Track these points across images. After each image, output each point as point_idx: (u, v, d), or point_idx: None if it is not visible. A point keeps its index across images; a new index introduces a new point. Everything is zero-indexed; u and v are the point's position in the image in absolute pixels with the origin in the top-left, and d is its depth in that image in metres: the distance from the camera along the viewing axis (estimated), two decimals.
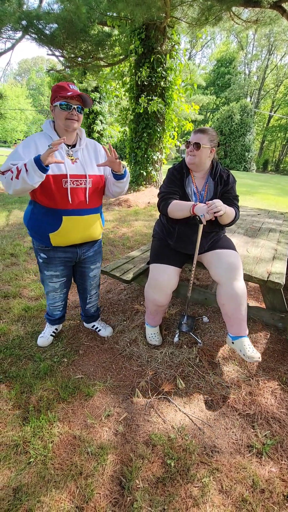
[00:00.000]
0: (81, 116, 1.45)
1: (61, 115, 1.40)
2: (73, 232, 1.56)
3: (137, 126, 7.05)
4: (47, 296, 1.89)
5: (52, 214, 1.50)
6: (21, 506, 1.13)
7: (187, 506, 1.17)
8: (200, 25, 5.67)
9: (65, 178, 1.44)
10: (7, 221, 4.98)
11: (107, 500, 1.18)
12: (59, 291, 1.83)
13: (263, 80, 35.49)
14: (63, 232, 1.53)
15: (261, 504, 1.19)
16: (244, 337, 1.73)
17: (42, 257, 1.66)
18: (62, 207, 1.48)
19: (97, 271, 1.91)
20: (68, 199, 1.47)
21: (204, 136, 1.71)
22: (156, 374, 1.81)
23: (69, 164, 1.46)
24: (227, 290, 1.70)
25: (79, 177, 1.49)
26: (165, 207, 1.80)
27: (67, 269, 1.75)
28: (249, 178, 16.69)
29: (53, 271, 1.70)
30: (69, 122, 1.41)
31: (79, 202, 1.51)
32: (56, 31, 5.20)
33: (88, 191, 1.53)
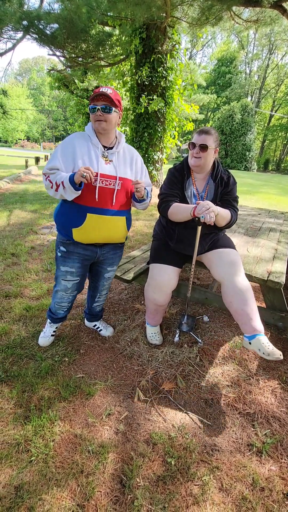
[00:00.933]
0: (109, 116, 1.45)
1: (92, 118, 1.48)
2: (95, 230, 1.56)
3: (138, 126, 7.06)
4: (55, 294, 1.85)
5: (78, 209, 1.53)
6: (22, 504, 1.14)
7: (187, 504, 1.18)
8: (201, 25, 5.67)
9: (95, 176, 1.47)
10: (8, 221, 4.99)
11: (108, 498, 1.19)
12: (70, 292, 1.80)
13: (263, 80, 35.43)
14: (86, 228, 1.55)
15: (261, 502, 1.19)
16: (260, 335, 1.57)
17: (61, 250, 1.66)
18: (88, 204, 1.51)
19: (112, 273, 1.91)
20: (95, 197, 1.50)
21: (210, 137, 1.68)
22: (156, 373, 1.82)
23: (102, 164, 1.50)
24: (231, 287, 1.68)
25: (109, 178, 1.51)
26: (165, 209, 1.79)
27: (84, 268, 1.73)
28: (250, 177, 16.68)
29: (69, 267, 1.68)
30: (97, 124, 1.46)
31: (105, 201, 1.53)
32: (57, 31, 5.21)
33: (116, 192, 1.55)
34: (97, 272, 1.87)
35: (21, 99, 38.80)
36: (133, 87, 7.01)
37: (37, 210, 5.77)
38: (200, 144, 1.68)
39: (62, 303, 1.87)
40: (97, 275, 1.89)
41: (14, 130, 38.72)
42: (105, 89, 1.43)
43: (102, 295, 2.02)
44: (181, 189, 1.82)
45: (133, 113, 7.12)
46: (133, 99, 7.03)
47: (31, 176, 10.87)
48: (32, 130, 45.21)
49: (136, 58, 6.58)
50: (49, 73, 12.07)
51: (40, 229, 4.62)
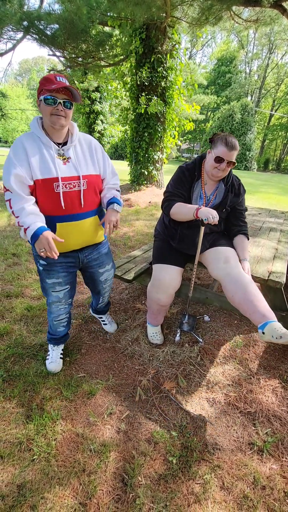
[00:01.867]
0: (69, 112, 1.31)
1: (46, 111, 1.27)
2: (69, 238, 1.44)
3: (138, 125, 7.06)
4: (49, 310, 1.71)
5: (46, 221, 1.35)
6: (25, 503, 1.15)
7: (189, 502, 1.18)
8: (201, 25, 5.67)
9: (57, 181, 1.31)
10: (9, 221, 5.00)
11: (110, 496, 1.19)
12: (64, 301, 1.66)
13: (263, 79, 35.41)
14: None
15: (262, 500, 1.20)
16: (272, 322, 1.39)
17: (42, 264, 1.52)
18: (54, 213, 1.36)
19: (107, 275, 1.81)
20: (61, 204, 1.34)
21: (236, 152, 1.63)
22: (157, 372, 1.83)
23: (60, 165, 1.33)
24: (228, 281, 1.64)
25: (72, 179, 1.36)
26: (167, 208, 1.77)
27: (70, 275, 1.61)
28: (250, 177, 16.68)
29: (55, 278, 1.55)
30: (55, 118, 1.27)
31: (72, 207, 1.39)
32: (57, 32, 5.22)
33: (83, 193, 1.40)
34: (91, 277, 1.76)
35: (21, 99, 38.80)
36: (133, 87, 7.01)
37: None
38: (230, 160, 1.61)
39: (60, 317, 1.72)
40: (93, 280, 1.79)
41: (14, 130, 38.71)
42: (63, 79, 1.26)
43: (105, 297, 1.99)
44: (188, 189, 1.77)
45: (133, 113, 7.12)
46: (133, 99, 7.04)
47: None
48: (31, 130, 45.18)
49: (136, 58, 6.58)
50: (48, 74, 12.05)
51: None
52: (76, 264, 1.61)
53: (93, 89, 12.56)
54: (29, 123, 1.73)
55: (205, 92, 32.94)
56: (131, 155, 7.60)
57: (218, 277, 1.74)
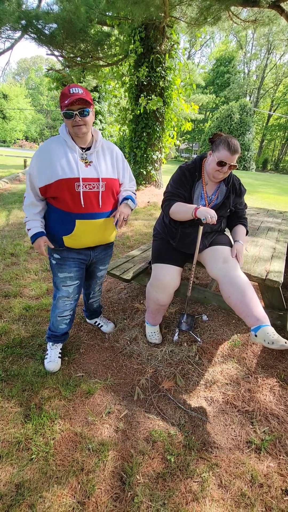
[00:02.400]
0: (87, 119, 1.40)
1: (68, 124, 1.41)
2: (86, 235, 1.55)
3: (137, 125, 7.06)
4: (55, 305, 1.76)
5: (66, 217, 1.49)
6: (23, 502, 1.15)
7: (187, 500, 1.19)
8: (199, 25, 5.68)
9: (78, 182, 1.43)
10: (7, 220, 4.99)
11: (108, 495, 1.20)
12: (72, 296, 1.73)
13: (262, 79, 35.49)
14: (77, 235, 1.53)
15: (260, 498, 1.21)
16: (265, 326, 1.46)
17: (56, 257, 1.62)
18: (75, 211, 1.47)
19: (104, 272, 1.95)
20: (81, 203, 1.46)
21: (238, 155, 1.63)
22: (156, 372, 1.83)
23: (82, 167, 1.45)
24: (226, 282, 1.66)
25: (92, 181, 1.47)
26: (167, 208, 1.77)
27: (81, 270, 1.71)
28: (249, 177, 16.71)
29: (67, 272, 1.64)
30: (76, 129, 1.41)
31: (91, 206, 1.50)
32: (55, 31, 5.21)
33: (101, 194, 1.52)
34: (91, 273, 1.88)
35: (19, 98, 38.70)
36: (131, 87, 7.01)
37: None
38: (232, 164, 1.61)
39: (65, 313, 1.77)
40: (91, 274, 1.90)
41: (13, 130, 38.62)
42: (76, 90, 1.36)
43: (96, 291, 2.04)
44: (188, 190, 1.77)
45: (132, 113, 7.12)
46: (132, 99, 7.04)
47: None
48: (30, 130, 45.11)
49: (135, 58, 6.58)
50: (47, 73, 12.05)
51: None
52: (86, 261, 1.72)
53: (91, 88, 12.56)
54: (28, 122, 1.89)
55: (204, 92, 32.97)
56: (129, 155, 7.60)
57: (216, 277, 1.75)
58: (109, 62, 7.05)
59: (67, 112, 1.37)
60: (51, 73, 11.51)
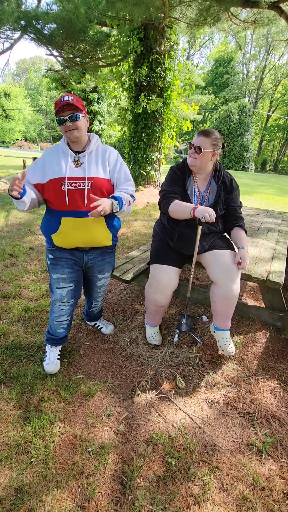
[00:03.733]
0: (78, 123, 1.47)
1: (62, 130, 1.50)
2: (72, 233, 1.56)
3: (136, 126, 7.06)
4: (52, 309, 1.76)
5: (54, 215, 1.57)
6: (23, 506, 1.14)
7: (188, 504, 1.18)
8: (199, 26, 5.68)
9: (64, 180, 1.50)
10: (6, 221, 4.97)
11: (109, 499, 1.19)
12: (66, 300, 1.70)
13: (261, 80, 35.56)
14: (63, 233, 1.56)
15: (261, 502, 1.20)
16: (226, 331, 1.85)
17: (50, 258, 1.68)
18: (60, 208, 1.53)
19: (104, 281, 1.88)
20: (66, 200, 1.51)
21: (207, 140, 1.69)
22: (156, 373, 1.82)
23: (72, 168, 1.52)
24: (223, 291, 1.72)
25: (78, 180, 1.51)
26: (165, 206, 1.77)
27: (75, 272, 1.68)
28: (248, 178, 16.73)
29: (59, 273, 1.65)
30: (69, 134, 1.48)
31: (76, 204, 1.52)
32: (55, 31, 5.20)
33: (87, 193, 1.52)
34: (89, 279, 1.84)
35: (18, 99, 38.68)
36: (131, 87, 7.01)
37: (35, 210, 5.75)
38: (195, 145, 1.71)
39: (61, 317, 1.75)
40: (90, 283, 1.86)
41: (12, 130, 38.59)
42: (67, 97, 1.43)
43: (98, 301, 2.00)
44: (182, 186, 1.83)
45: (131, 114, 7.12)
46: (131, 100, 7.03)
47: None
48: (29, 131, 45.08)
49: (135, 59, 6.58)
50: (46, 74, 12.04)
51: (38, 229, 4.60)
52: (80, 264, 1.71)
53: (90, 89, 12.55)
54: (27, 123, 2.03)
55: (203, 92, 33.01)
56: (129, 156, 7.59)
57: (215, 280, 1.78)
58: (108, 63, 7.04)
59: (59, 118, 1.46)
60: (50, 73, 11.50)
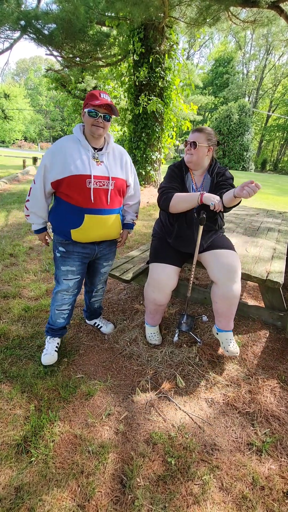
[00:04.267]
0: (107, 124, 1.52)
1: (88, 121, 1.49)
2: (93, 229, 1.61)
3: (136, 126, 7.06)
4: (54, 298, 1.81)
5: (75, 211, 1.56)
6: (23, 505, 1.14)
7: (188, 503, 1.18)
8: (198, 25, 5.68)
9: (89, 178, 1.50)
10: (6, 221, 4.97)
11: (109, 498, 1.19)
12: (71, 291, 1.78)
13: (261, 80, 35.56)
14: (84, 229, 1.58)
15: (261, 501, 1.20)
16: (229, 332, 1.83)
17: (60, 250, 1.68)
18: (84, 205, 1.54)
19: (108, 268, 1.96)
20: (91, 198, 1.53)
21: (201, 135, 1.74)
22: (156, 373, 1.82)
23: (94, 165, 1.53)
24: (224, 291, 1.72)
25: (102, 179, 1.55)
26: (166, 201, 1.77)
27: (83, 265, 1.75)
28: (248, 177, 16.72)
29: (69, 266, 1.70)
30: (95, 129, 1.49)
31: (101, 202, 1.57)
32: (54, 31, 5.20)
33: (110, 192, 1.59)
34: (94, 268, 1.90)
35: (18, 99, 38.67)
36: (131, 87, 7.01)
37: None
38: (191, 141, 1.75)
39: (63, 306, 1.82)
40: (94, 270, 1.91)
41: (12, 130, 38.58)
42: (105, 96, 1.47)
43: (99, 289, 2.04)
44: (180, 183, 1.86)
45: (131, 113, 7.12)
46: (131, 100, 7.03)
47: (29, 176, 10.84)
48: (29, 130, 45.07)
49: (134, 58, 6.58)
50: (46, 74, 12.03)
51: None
52: (90, 256, 1.75)
53: (90, 89, 12.54)
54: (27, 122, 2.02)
55: (203, 92, 33.01)
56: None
57: (216, 280, 1.77)
58: (108, 63, 7.05)
59: (93, 110, 1.45)
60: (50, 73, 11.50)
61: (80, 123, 1.64)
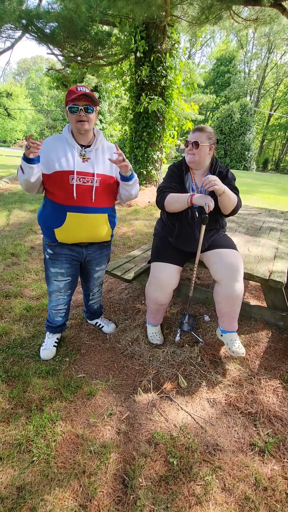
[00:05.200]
0: (91, 116, 1.47)
1: (71, 119, 1.46)
2: (77, 229, 1.56)
3: (137, 125, 7.04)
4: (49, 299, 1.83)
5: (58, 209, 1.53)
6: (24, 505, 1.14)
7: (190, 504, 1.17)
8: (200, 24, 5.66)
9: (72, 174, 1.48)
10: (8, 220, 4.97)
11: (111, 498, 1.18)
12: (63, 291, 1.78)
13: (263, 79, 35.42)
14: (67, 228, 1.55)
15: (264, 502, 1.19)
16: (233, 332, 1.81)
17: (49, 252, 1.67)
18: (67, 203, 1.51)
19: (101, 273, 1.93)
20: (73, 195, 1.49)
21: (202, 134, 1.74)
22: (158, 373, 1.82)
23: (79, 162, 1.50)
24: (226, 291, 1.71)
25: (86, 175, 1.51)
26: (161, 200, 1.81)
27: (73, 267, 1.73)
28: (249, 177, 16.68)
29: (58, 268, 1.68)
30: (80, 125, 1.45)
31: (84, 199, 1.52)
32: (56, 30, 5.19)
33: (95, 189, 1.54)
34: (87, 272, 1.88)
35: (19, 99, 38.68)
36: (132, 86, 6.99)
37: (36, 210, 5.75)
38: (193, 141, 1.74)
39: (58, 306, 1.83)
40: (87, 275, 1.90)
41: (13, 130, 38.59)
42: (83, 88, 1.43)
43: (95, 292, 2.03)
44: (180, 183, 1.86)
45: (132, 113, 7.10)
46: (133, 99, 7.01)
47: None
48: (30, 130, 45.05)
49: (136, 57, 6.56)
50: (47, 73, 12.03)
51: (39, 229, 4.60)
52: (79, 259, 1.73)
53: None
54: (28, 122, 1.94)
55: (204, 92, 32.93)
56: (130, 155, 7.57)
57: (218, 280, 1.77)
58: (109, 62, 7.03)
59: (73, 106, 1.43)
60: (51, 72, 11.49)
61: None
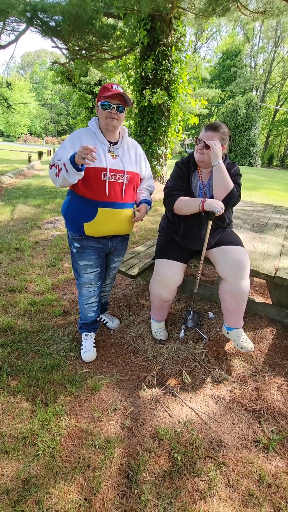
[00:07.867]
0: (121, 115, 1.50)
1: (102, 114, 1.49)
2: (106, 223, 1.60)
3: (142, 120, 6.98)
4: (80, 293, 1.84)
5: (89, 204, 1.56)
6: (30, 498, 1.15)
7: (194, 499, 1.18)
8: (207, 16, 5.57)
9: (105, 171, 1.51)
10: (12, 215, 4.98)
11: (115, 492, 1.19)
12: (94, 283, 1.79)
13: (269, 73, 34.90)
14: (97, 222, 1.58)
15: (268, 498, 1.19)
16: (239, 329, 1.80)
17: (76, 246, 1.69)
18: (98, 198, 1.54)
19: (118, 264, 1.96)
20: (105, 191, 1.53)
21: (216, 135, 1.65)
22: (162, 369, 1.82)
23: (109, 159, 1.53)
24: (232, 288, 1.70)
25: (117, 172, 1.55)
26: (171, 203, 1.77)
27: (101, 258, 1.76)
28: (254, 173, 16.53)
29: (86, 260, 1.71)
30: (109, 121, 1.48)
31: (115, 195, 1.57)
32: (61, 23, 5.14)
33: (125, 186, 1.59)
34: (106, 263, 1.90)
35: (23, 93, 38.57)
36: (137, 80, 6.92)
37: (40, 205, 5.75)
38: (204, 143, 1.65)
39: (91, 299, 1.85)
40: (105, 266, 1.91)
41: (17, 124, 38.56)
42: (118, 87, 1.45)
43: (107, 285, 2.05)
44: (186, 182, 1.81)
45: (137, 107, 7.04)
46: (137, 93, 6.95)
47: (34, 170, 10.84)
48: (34, 125, 44.99)
49: (141, 51, 6.48)
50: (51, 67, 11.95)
51: (43, 224, 4.61)
52: (105, 250, 1.77)
53: (95, 82, 12.43)
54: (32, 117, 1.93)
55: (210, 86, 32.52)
56: None
57: (224, 277, 1.75)
58: (114, 55, 6.96)
59: (105, 103, 1.45)
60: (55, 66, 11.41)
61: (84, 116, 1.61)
